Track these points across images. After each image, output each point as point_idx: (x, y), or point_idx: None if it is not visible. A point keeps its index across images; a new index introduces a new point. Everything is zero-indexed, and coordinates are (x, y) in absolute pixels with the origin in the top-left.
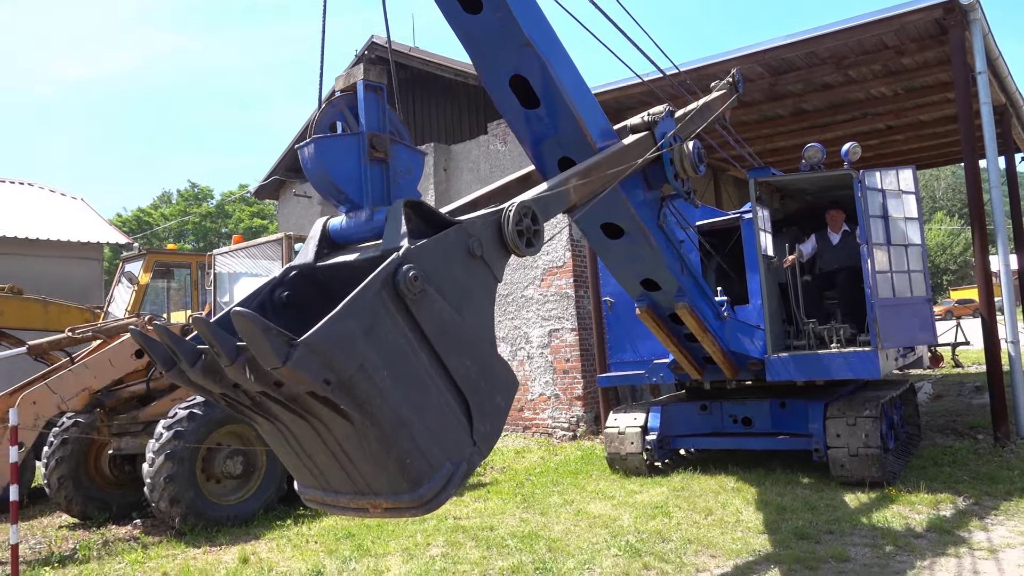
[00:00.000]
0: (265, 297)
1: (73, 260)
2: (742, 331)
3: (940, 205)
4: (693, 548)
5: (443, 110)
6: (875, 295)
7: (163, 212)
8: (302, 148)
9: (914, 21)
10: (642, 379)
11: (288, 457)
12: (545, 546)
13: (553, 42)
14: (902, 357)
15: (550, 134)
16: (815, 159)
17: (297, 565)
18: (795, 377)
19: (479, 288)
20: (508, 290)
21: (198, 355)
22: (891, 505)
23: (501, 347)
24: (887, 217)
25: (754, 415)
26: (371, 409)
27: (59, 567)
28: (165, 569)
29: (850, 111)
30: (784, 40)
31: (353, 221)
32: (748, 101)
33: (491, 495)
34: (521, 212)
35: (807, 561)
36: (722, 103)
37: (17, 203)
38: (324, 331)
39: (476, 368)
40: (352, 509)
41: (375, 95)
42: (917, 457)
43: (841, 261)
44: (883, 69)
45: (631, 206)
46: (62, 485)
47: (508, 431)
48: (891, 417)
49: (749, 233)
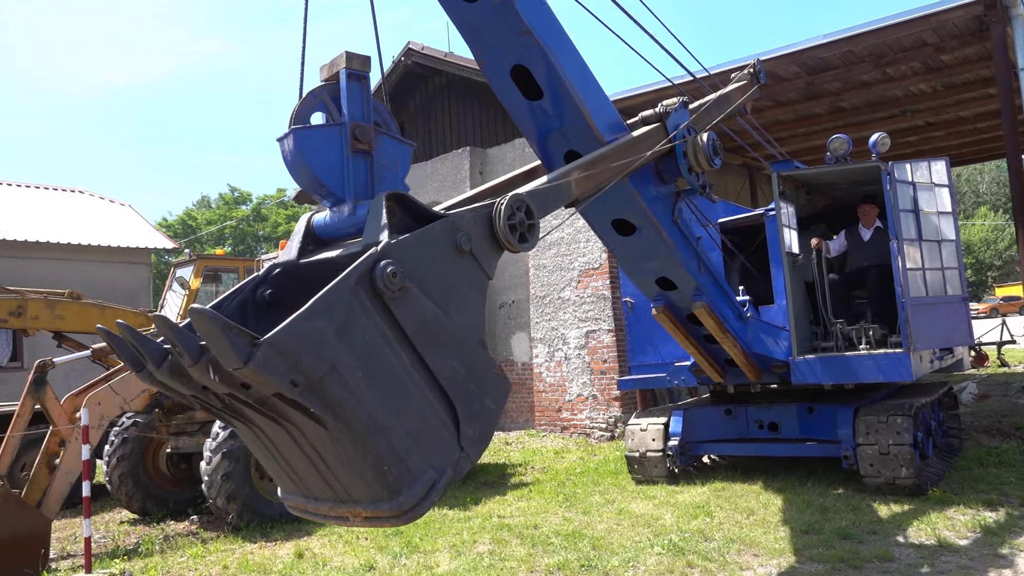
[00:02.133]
0: (247, 295)
1: (122, 265)
2: (766, 332)
3: (984, 200)
4: (736, 547)
5: (478, 114)
6: (906, 294)
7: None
8: (281, 140)
9: (954, 18)
10: (663, 383)
11: (268, 462)
12: (589, 544)
13: (555, 30)
14: (938, 360)
15: (555, 126)
16: (841, 151)
17: (350, 560)
18: (821, 380)
19: (468, 286)
20: (545, 292)
21: (165, 355)
22: (936, 506)
23: (538, 348)
24: (918, 211)
25: (781, 420)
26: (344, 413)
27: (126, 559)
28: (225, 563)
29: (888, 108)
30: (821, 39)
31: (336, 216)
32: (784, 100)
33: (533, 494)
34: (514, 205)
35: (851, 560)
36: (742, 94)
37: (68, 210)
38: (290, 330)
39: (464, 370)
40: (333, 517)
41: (359, 84)
42: (962, 458)
43: (871, 258)
44: (922, 66)
45: (643, 201)
46: (123, 482)
47: (546, 432)
48: (928, 423)
49: (773, 230)
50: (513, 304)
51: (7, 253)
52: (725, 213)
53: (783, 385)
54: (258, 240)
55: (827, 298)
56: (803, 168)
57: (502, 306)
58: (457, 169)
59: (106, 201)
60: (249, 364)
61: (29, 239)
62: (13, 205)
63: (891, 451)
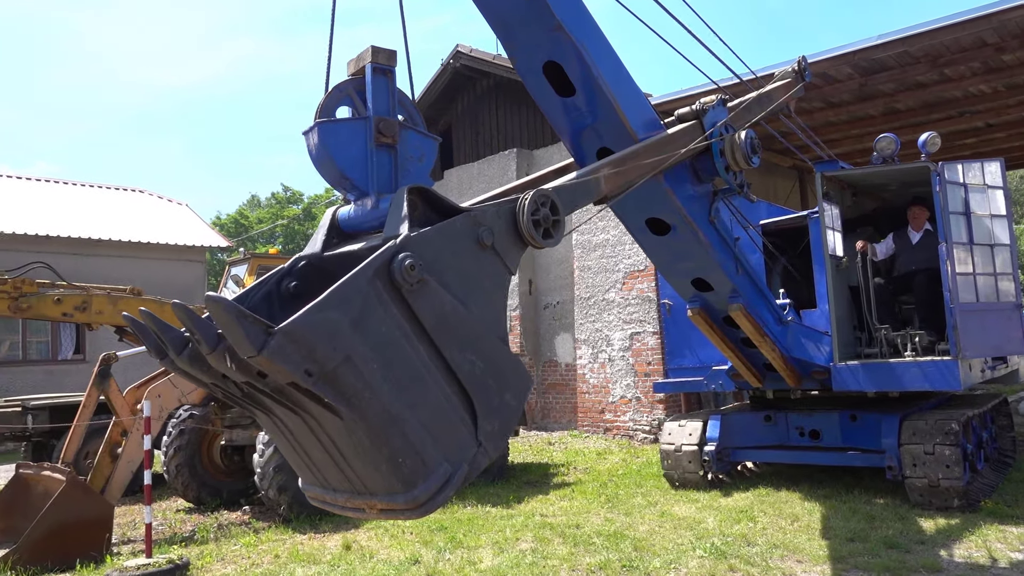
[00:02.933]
0: (272, 287)
1: (179, 262)
2: (807, 336)
3: None
4: (779, 553)
5: (525, 116)
6: (955, 299)
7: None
8: (307, 134)
9: (1016, 17)
10: (700, 386)
11: (288, 452)
12: (631, 545)
13: (587, 25)
14: (990, 369)
15: (588, 123)
16: (888, 151)
17: (396, 553)
18: (864, 387)
19: (489, 280)
20: (589, 293)
21: (186, 343)
22: (988, 518)
23: (582, 350)
24: (970, 214)
25: (823, 428)
26: (359, 404)
27: (183, 546)
28: (276, 552)
29: (946, 109)
30: (876, 40)
31: (360, 209)
32: (836, 102)
33: (576, 494)
34: (538, 201)
35: (897, 570)
36: (784, 92)
37: (128, 209)
38: (305, 319)
39: (483, 364)
40: (350, 509)
41: (384, 78)
42: (1017, 470)
43: (920, 262)
44: (982, 67)
45: (678, 200)
46: (179, 472)
47: (589, 433)
48: (979, 435)
49: (817, 232)
50: (558, 305)
51: (71, 250)
52: (768, 215)
53: (824, 392)
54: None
55: (872, 303)
56: (848, 168)
57: (546, 307)
58: (504, 171)
59: (164, 200)
60: (263, 352)
61: (92, 237)
62: (77, 204)
63: (936, 451)
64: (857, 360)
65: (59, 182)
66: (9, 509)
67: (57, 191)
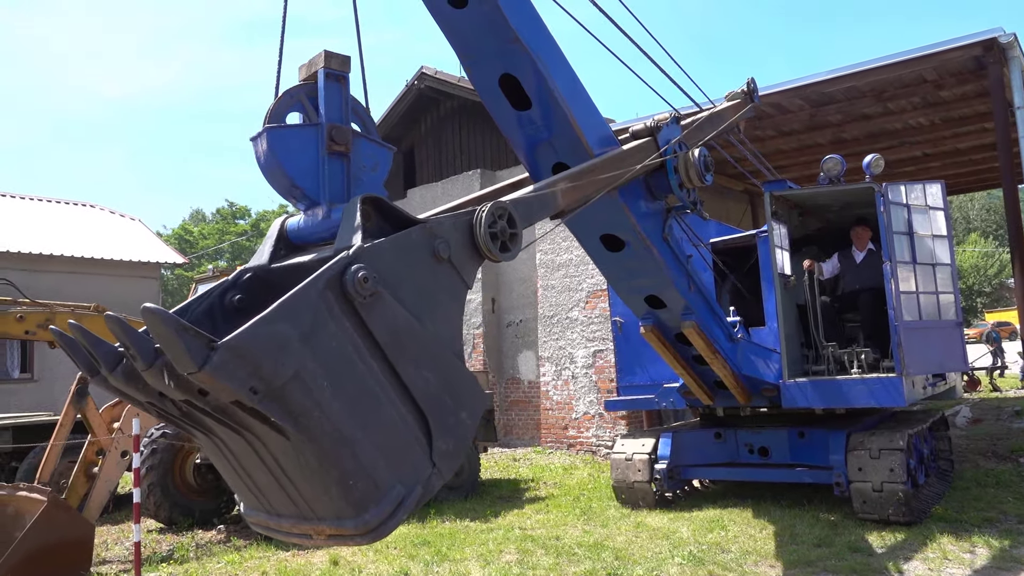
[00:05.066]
0: (215, 300)
1: (132, 279)
2: (756, 354)
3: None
4: (752, 559)
5: (489, 137)
6: (899, 317)
7: (200, 230)
8: (255, 140)
9: (954, 58)
10: (651, 404)
11: (229, 475)
12: (611, 554)
13: (544, 39)
14: (931, 386)
15: (543, 137)
16: (834, 171)
17: (384, 568)
18: (813, 404)
19: (445, 294)
20: (553, 311)
21: (119, 358)
22: (939, 523)
23: (546, 367)
24: (913, 234)
25: (771, 445)
26: (308, 423)
27: (175, 563)
28: (263, 568)
29: (888, 140)
30: (825, 75)
31: (310, 220)
32: (787, 130)
33: (551, 508)
34: (495, 213)
35: (863, 572)
36: (735, 112)
37: (78, 223)
38: (251, 333)
39: (438, 381)
40: (296, 535)
41: (337, 84)
42: (960, 479)
43: (864, 281)
44: (922, 101)
45: (632, 216)
46: (151, 492)
47: (552, 449)
48: (921, 451)
49: (766, 251)
50: (521, 323)
51: (21, 266)
52: (718, 234)
53: (773, 409)
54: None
55: (819, 321)
56: (796, 188)
57: (509, 325)
58: (467, 190)
59: (116, 215)
60: (205, 368)
61: (43, 252)
62: (26, 218)
63: (884, 488)
64: (805, 377)
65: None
66: None
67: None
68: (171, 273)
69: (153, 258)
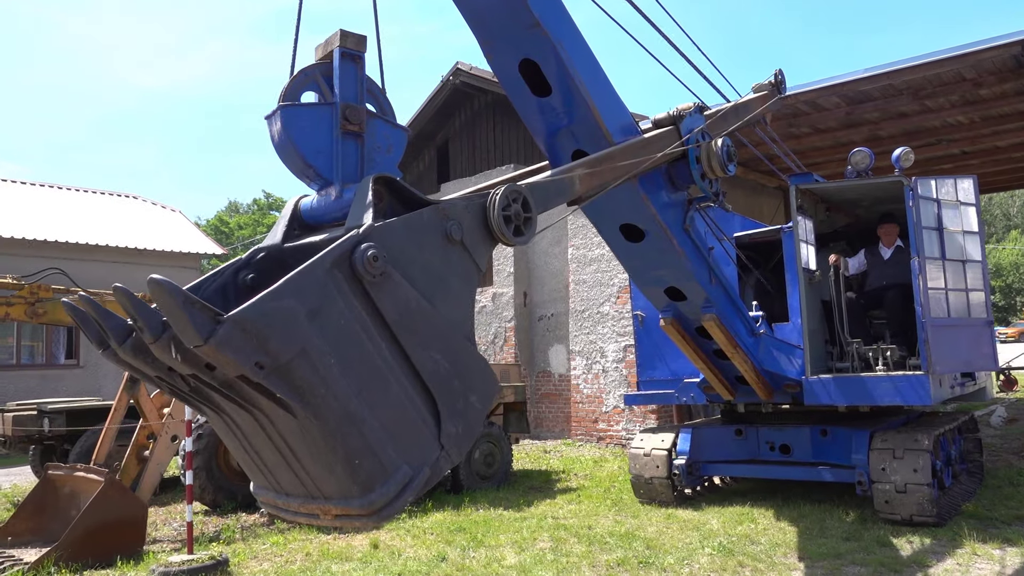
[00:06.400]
0: (228, 279)
1: (173, 269)
2: (779, 349)
3: (1015, 224)
4: (782, 551)
5: (522, 133)
6: (927, 314)
7: (236, 221)
8: (269, 118)
9: (992, 57)
10: (671, 399)
11: (239, 454)
12: (643, 544)
13: (565, 23)
14: (959, 386)
15: (563, 124)
16: (862, 165)
17: (422, 552)
18: (835, 401)
19: (456, 277)
20: (584, 306)
21: (129, 332)
22: (969, 520)
23: (576, 361)
24: (942, 230)
25: (793, 442)
26: (314, 400)
27: (223, 543)
28: (307, 550)
29: (925, 138)
30: (863, 73)
31: (323, 200)
32: (823, 128)
33: (583, 499)
34: (510, 196)
35: (891, 565)
36: (761, 103)
37: (121, 215)
38: (257, 307)
39: (447, 363)
40: (303, 515)
41: (352, 64)
42: (993, 477)
43: (891, 278)
44: (960, 99)
45: (653, 206)
46: (197, 475)
47: (583, 442)
48: (948, 452)
49: (791, 246)
50: (552, 317)
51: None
52: (742, 227)
53: (795, 406)
54: None
55: (844, 317)
56: (823, 182)
57: (541, 319)
58: None
59: (157, 207)
60: (210, 341)
61: (90, 242)
62: (72, 209)
63: (908, 490)
64: (829, 374)
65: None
66: (39, 509)
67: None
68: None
69: (194, 248)
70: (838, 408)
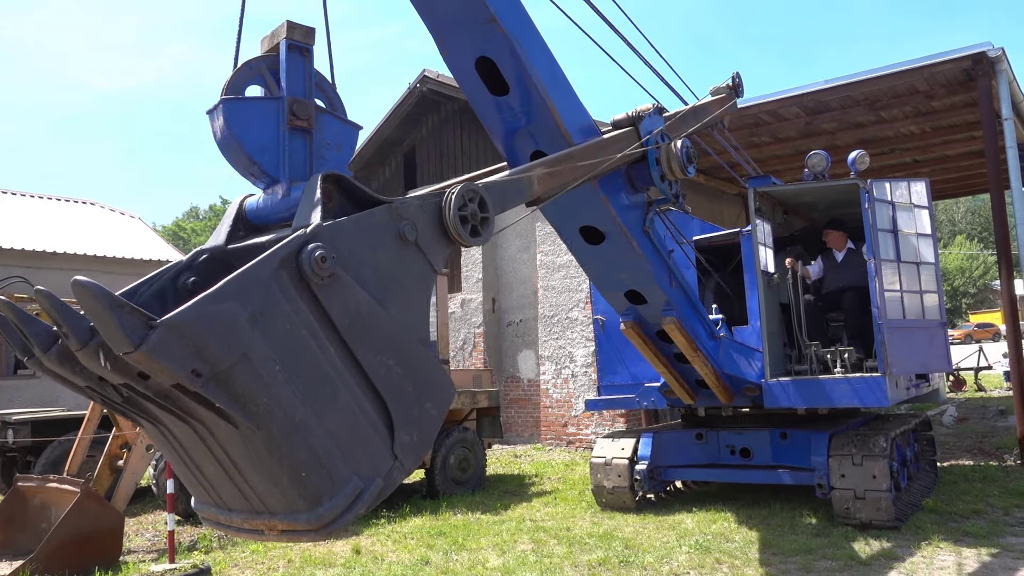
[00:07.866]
0: (167, 283)
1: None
2: (739, 352)
3: (960, 229)
4: (756, 547)
5: (490, 141)
6: (883, 316)
7: (194, 227)
8: (211, 113)
9: (944, 70)
10: (632, 403)
11: (179, 467)
12: (621, 544)
13: (522, 20)
14: (914, 387)
15: (521, 124)
16: (819, 168)
17: (404, 556)
18: (795, 404)
19: (410, 279)
20: (553, 312)
21: (55, 338)
22: (930, 515)
23: (546, 366)
24: (897, 232)
25: (753, 446)
26: (256, 409)
27: (204, 551)
28: (288, 556)
29: (879, 147)
30: (823, 84)
31: (269, 199)
32: (783, 137)
33: (558, 501)
34: (466, 196)
35: (860, 559)
36: (719, 106)
37: (78, 221)
38: (195, 310)
39: (400, 369)
40: (247, 531)
41: (300, 57)
42: (948, 474)
43: (846, 280)
44: (913, 110)
45: (613, 208)
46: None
47: (552, 446)
48: (904, 454)
49: (749, 250)
50: (521, 323)
51: (25, 263)
52: (701, 231)
53: (756, 409)
54: None
55: (802, 319)
56: (780, 184)
57: (510, 324)
58: None
59: (115, 213)
60: (142, 348)
61: (46, 249)
62: (27, 215)
63: (867, 496)
64: (788, 377)
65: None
66: (8, 522)
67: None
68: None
69: (155, 255)
70: (797, 411)
